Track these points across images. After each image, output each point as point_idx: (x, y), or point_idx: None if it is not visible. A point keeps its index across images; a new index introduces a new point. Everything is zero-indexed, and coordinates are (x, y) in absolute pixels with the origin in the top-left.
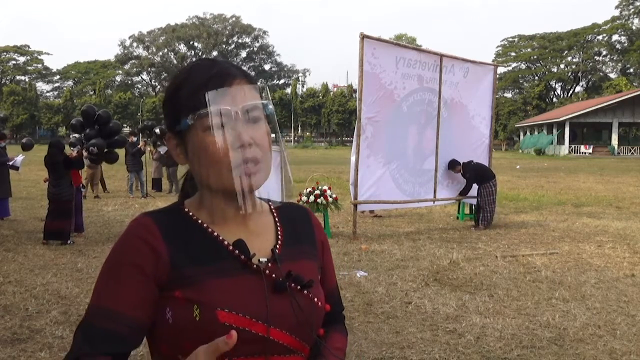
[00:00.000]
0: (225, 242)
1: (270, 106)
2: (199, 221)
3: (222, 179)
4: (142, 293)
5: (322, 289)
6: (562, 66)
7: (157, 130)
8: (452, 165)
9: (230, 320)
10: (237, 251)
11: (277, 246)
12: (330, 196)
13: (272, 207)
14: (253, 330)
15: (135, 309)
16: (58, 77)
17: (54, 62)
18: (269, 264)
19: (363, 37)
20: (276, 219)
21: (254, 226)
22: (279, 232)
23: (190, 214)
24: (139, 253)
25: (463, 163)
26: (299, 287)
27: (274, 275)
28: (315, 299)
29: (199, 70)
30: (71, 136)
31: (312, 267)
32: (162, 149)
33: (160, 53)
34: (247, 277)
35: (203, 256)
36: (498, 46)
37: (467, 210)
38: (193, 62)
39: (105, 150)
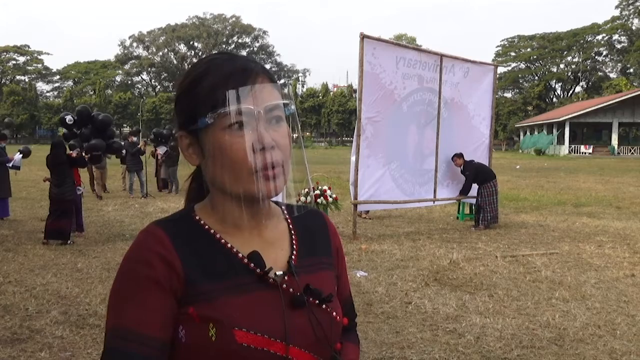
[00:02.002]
0: (240, 255)
1: (293, 106)
2: (212, 231)
3: (240, 182)
4: (164, 309)
5: (337, 297)
6: (562, 66)
7: (154, 132)
8: (456, 156)
9: (248, 341)
10: (252, 264)
11: (293, 257)
12: (330, 196)
13: (285, 212)
14: (272, 350)
15: (161, 327)
16: (58, 77)
17: (54, 62)
18: (286, 277)
19: (363, 37)
20: (290, 226)
21: (268, 234)
22: (294, 241)
23: (202, 222)
24: (152, 266)
25: (465, 161)
26: (317, 301)
27: (291, 290)
28: (334, 313)
29: (218, 66)
30: (70, 140)
31: (330, 278)
32: (162, 149)
33: (160, 53)
34: (263, 293)
35: (217, 270)
36: (498, 46)
37: (467, 210)
38: (210, 57)
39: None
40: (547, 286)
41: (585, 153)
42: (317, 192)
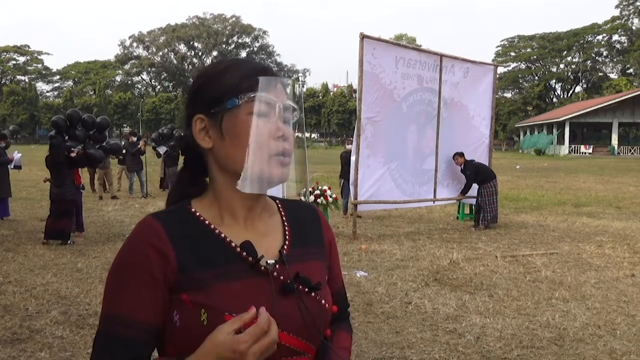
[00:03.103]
0: (233, 244)
1: (301, 114)
2: (206, 222)
3: (259, 164)
4: (153, 298)
5: (329, 288)
6: (562, 66)
7: (157, 133)
8: (457, 155)
9: None
10: (244, 253)
11: (285, 247)
12: (330, 196)
13: (279, 205)
14: None
15: (149, 314)
16: (58, 77)
17: (54, 62)
18: (277, 266)
19: (363, 37)
20: (284, 219)
21: (261, 226)
22: (287, 233)
23: (197, 214)
24: (146, 257)
25: (465, 160)
26: (306, 289)
27: (281, 277)
28: (323, 301)
29: (247, 62)
30: (67, 142)
31: (320, 267)
32: (161, 149)
33: (160, 53)
34: (254, 280)
35: (210, 259)
36: (498, 46)
37: (467, 210)
38: (236, 58)
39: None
40: (547, 286)
41: (585, 153)
42: (317, 192)
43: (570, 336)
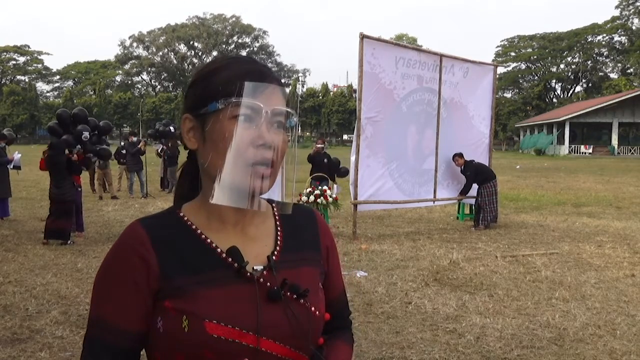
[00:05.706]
0: (219, 250)
1: (295, 118)
2: (193, 227)
3: (234, 172)
4: (135, 305)
5: (328, 295)
6: (562, 66)
7: (153, 130)
8: (457, 156)
9: (219, 332)
10: (230, 259)
11: (275, 253)
12: (330, 196)
13: (274, 209)
14: (243, 342)
15: (131, 321)
16: (58, 77)
17: (54, 62)
18: (264, 272)
19: (363, 37)
20: (277, 223)
21: (252, 231)
22: (279, 238)
23: (185, 218)
24: (129, 265)
25: (465, 160)
26: (294, 296)
27: (268, 284)
28: (313, 308)
29: (239, 63)
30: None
31: (313, 274)
32: (158, 147)
33: (160, 53)
34: (240, 286)
35: (194, 265)
36: (498, 46)
37: (467, 210)
38: (234, 55)
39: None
40: (547, 286)
41: (585, 153)
42: (317, 192)
43: (570, 336)
